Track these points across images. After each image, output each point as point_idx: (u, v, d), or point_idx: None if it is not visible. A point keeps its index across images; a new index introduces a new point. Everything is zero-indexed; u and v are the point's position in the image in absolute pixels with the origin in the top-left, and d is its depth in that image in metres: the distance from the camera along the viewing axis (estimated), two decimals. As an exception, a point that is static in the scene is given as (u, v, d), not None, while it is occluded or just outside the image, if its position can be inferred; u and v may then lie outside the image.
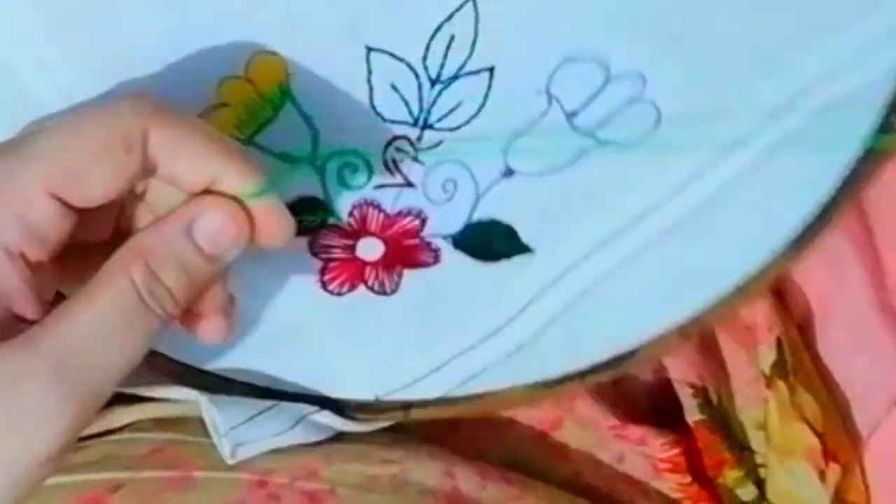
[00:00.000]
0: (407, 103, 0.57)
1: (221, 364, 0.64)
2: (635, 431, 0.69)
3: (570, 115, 0.58)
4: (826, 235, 0.62)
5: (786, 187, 0.60)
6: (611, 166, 0.59)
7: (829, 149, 0.60)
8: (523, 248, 0.61)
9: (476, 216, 0.60)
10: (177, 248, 0.49)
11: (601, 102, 0.58)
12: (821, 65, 0.58)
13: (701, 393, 0.68)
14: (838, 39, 0.58)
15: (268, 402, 0.64)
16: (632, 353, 0.64)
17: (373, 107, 0.57)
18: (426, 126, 0.58)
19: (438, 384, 0.64)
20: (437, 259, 0.61)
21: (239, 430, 0.63)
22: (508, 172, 0.59)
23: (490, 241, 0.61)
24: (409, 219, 0.60)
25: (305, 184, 0.59)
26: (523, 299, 0.63)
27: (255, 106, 0.57)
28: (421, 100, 0.57)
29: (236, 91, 0.57)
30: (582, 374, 0.64)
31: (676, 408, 0.70)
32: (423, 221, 0.60)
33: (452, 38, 0.56)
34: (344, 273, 0.62)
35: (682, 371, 0.68)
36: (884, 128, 0.59)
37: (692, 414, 0.69)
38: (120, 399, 0.65)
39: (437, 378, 0.64)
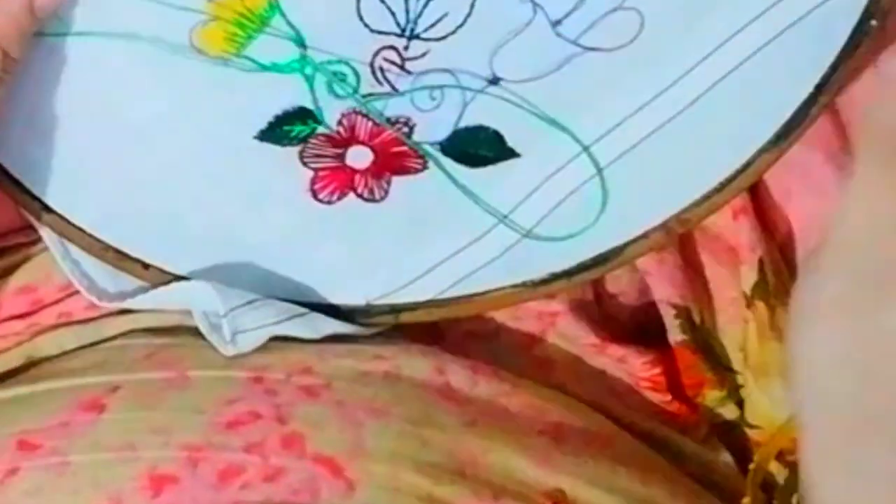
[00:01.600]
0: (393, 14, 0.58)
1: (214, 274, 0.65)
2: (616, 350, 0.70)
3: (555, 24, 0.59)
4: (806, 130, 0.63)
5: (767, 85, 0.61)
6: (596, 71, 0.60)
7: (811, 48, 0.60)
8: (510, 153, 0.63)
9: (463, 123, 0.61)
10: None
11: (585, 10, 0.58)
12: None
13: (684, 313, 0.69)
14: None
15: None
16: (617, 252, 0.65)
17: (360, 17, 0.58)
18: (413, 36, 0.59)
19: (428, 287, 0.65)
20: (425, 165, 0.63)
21: (238, 314, 0.64)
22: (494, 80, 0.60)
23: (477, 147, 0.62)
24: (396, 126, 0.61)
25: (295, 94, 0.60)
26: (511, 201, 0.64)
27: (244, 19, 0.58)
28: (407, 10, 0.58)
29: (226, 5, 0.57)
30: (569, 274, 0.65)
31: (660, 329, 0.71)
32: (411, 129, 0.61)
33: (440, -50, 0.56)
34: (334, 181, 0.63)
35: (665, 291, 0.70)
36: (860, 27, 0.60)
37: (675, 334, 0.71)
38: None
39: (427, 281, 0.65)
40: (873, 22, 0.59)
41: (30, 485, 0.56)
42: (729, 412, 0.72)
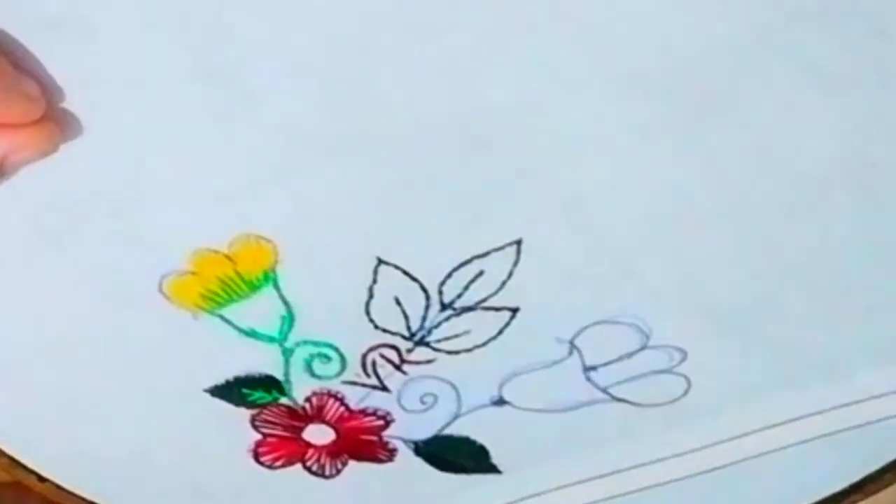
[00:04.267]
0: (407, 318, 0.48)
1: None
2: None
3: (589, 369, 0.50)
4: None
5: (799, 471, 0.53)
6: (613, 419, 0.51)
7: (862, 451, 0.52)
8: (491, 468, 0.54)
9: (448, 430, 0.52)
10: None
11: (628, 364, 0.49)
12: (878, 386, 0.50)
13: None
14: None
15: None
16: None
17: (367, 312, 0.48)
18: (421, 343, 0.49)
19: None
20: (391, 458, 0.53)
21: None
22: (500, 402, 0.51)
23: (456, 456, 0.53)
24: (372, 418, 0.52)
25: (265, 362, 0.50)
26: (471, 511, 0.55)
27: (230, 283, 0.47)
28: (424, 319, 0.48)
29: (211, 265, 0.47)
30: None
31: None
32: (388, 423, 0.52)
33: (481, 273, 0.47)
34: (282, 450, 0.53)
35: None
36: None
37: None
38: None
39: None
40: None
41: None
42: None
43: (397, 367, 0.50)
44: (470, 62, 0.42)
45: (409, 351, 0.50)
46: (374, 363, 0.50)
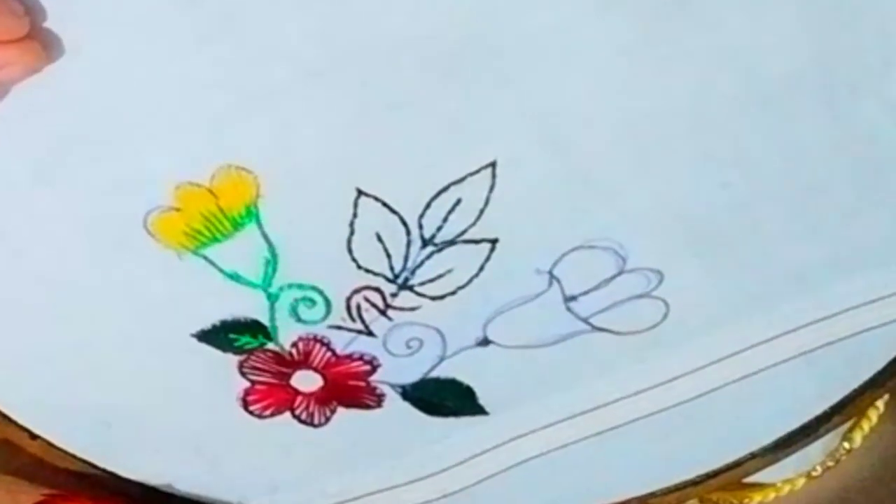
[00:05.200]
0: (389, 257, 0.49)
1: (108, 460, 0.55)
2: None
3: (569, 299, 0.50)
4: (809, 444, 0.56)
5: (779, 394, 0.54)
6: (598, 350, 0.52)
7: (838, 370, 0.53)
8: (479, 410, 0.54)
9: (434, 373, 0.52)
10: None
11: (607, 291, 0.50)
12: (851, 297, 0.50)
13: None
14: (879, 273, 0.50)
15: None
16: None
17: (349, 250, 0.49)
18: (405, 286, 0.49)
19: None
20: (379, 404, 0.54)
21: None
22: (484, 342, 0.51)
23: (443, 399, 0.54)
24: (358, 363, 0.52)
25: (251, 306, 0.51)
26: (463, 454, 0.56)
27: (213, 220, 0.48)
28: (406, 258, 0.49)
29: (194, 199, 0.48)
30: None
31: None
32: (374, 368, 0.53)
33: (459, 201, 0.47)
34: (271, 398, 0.54)
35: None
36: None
37: None
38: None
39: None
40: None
41: None
42: None
43: (382, 312, 0.51)
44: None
45: (394, 295, 0.50)
46: (358, 307, 0.51)
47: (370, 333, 0.51)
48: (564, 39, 0.45)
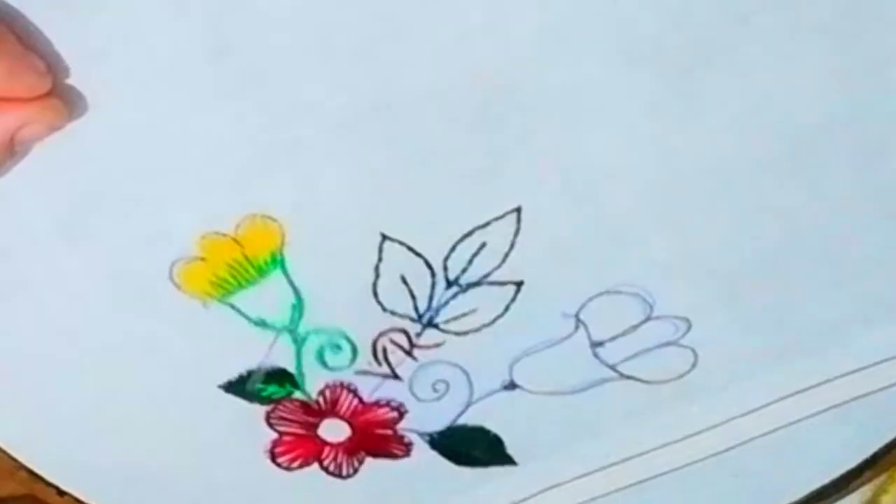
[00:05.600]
0: (414, 298, 0.49)
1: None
2: None
3: (596, 345, 0.50)
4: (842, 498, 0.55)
5: (812, 449, 0.53)
6: (628, 399, 0.52)
7: (871, 423, 0.52)
8: (507, 460, 0.54)
9: (462, 420, 0.52)
10: None
11: (634, 338, 0.50)
12: (882, 350, 0.50)
13: None
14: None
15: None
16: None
17: (374, 293, 0.49)
18: (430, 325, 0.49)
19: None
20: (407, 453, 0.53)
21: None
22: (511, 386, 0.51)
23: (472, 447, 0.53)
24: (385, 410, 0.52)
25: (278, 354, 0.51)
26: (492, 505, 0.55)
27: (239, 268, 0.48)
28: (431, 298, 0.49)
29: (219, 249, 0.48)
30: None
31: None
32: (402, 415, 0.52)
33: (483, 245, 0.48)
34: (299, 449, 0.54)
35: None
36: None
37: None
38: None
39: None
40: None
41: None
42: None
43: (408, 353, 0.51)
44: (471, 31, 0.44)
45: (419, 335, 0.50)
46: (384, 350, 0.51)
47: (396, 377, 0.51)
48: (590, 94, 0.45)
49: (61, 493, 0.55)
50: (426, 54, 0.44)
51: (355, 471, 0.55)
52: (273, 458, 0.54)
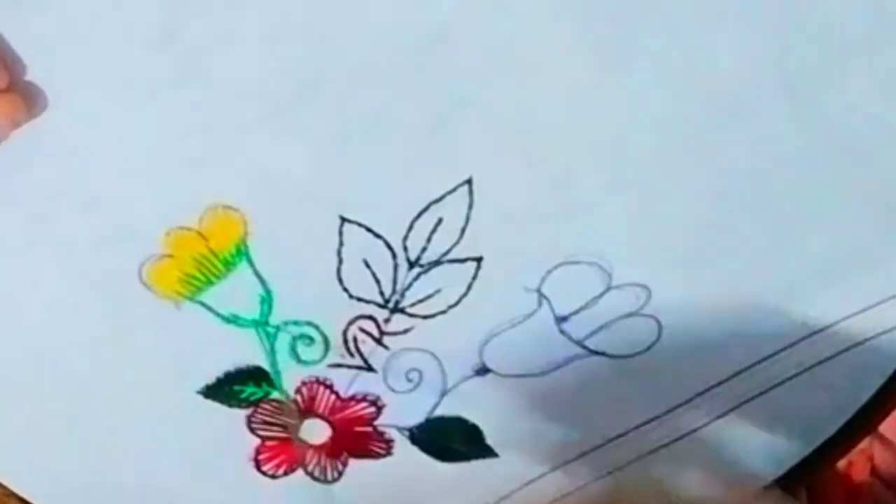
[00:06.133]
0: (379, 282, 0.50)
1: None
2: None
3: (560, 320, 0.50)
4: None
5: (787, 417, 0.53)
6: (597, 377, 0.52)
7: (844, 386, 0.52)
8: (488, 451, 0.54)
9: (439, 411, 0.53)
10: None
11: (596, 310, 0.50)
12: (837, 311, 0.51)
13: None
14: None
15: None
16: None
17: (339, 280, 0.50)
18: (397, 309, 0.50)
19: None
20: (388, 451, 0.54)
21: None
22: (483, 370, 0.52)
23: (451, 440, 0.54)
24: (363, 405, 0.53)
25: (251, 351, 0.52)
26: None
27: (205, 262, 0.49)
28: (395, 281, 0.50)
29: (185, 244, 0.49)
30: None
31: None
32: (379, 409, 0.53)
33: (440, 220, 0.49)
34: (282, 454, 0.54)
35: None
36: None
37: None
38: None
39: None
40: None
41: None
42: None
43: (378, 341, 0.52)
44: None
45: (387, 321, 0.51)
46: (355, 339, 0.52)
47: (370, 368, 0.52)
48: (527, 52, 0.47)
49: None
50: (360, 25, 0.46)
51: (340, 474, 0.55)
52: (258, 465, 0.55)
